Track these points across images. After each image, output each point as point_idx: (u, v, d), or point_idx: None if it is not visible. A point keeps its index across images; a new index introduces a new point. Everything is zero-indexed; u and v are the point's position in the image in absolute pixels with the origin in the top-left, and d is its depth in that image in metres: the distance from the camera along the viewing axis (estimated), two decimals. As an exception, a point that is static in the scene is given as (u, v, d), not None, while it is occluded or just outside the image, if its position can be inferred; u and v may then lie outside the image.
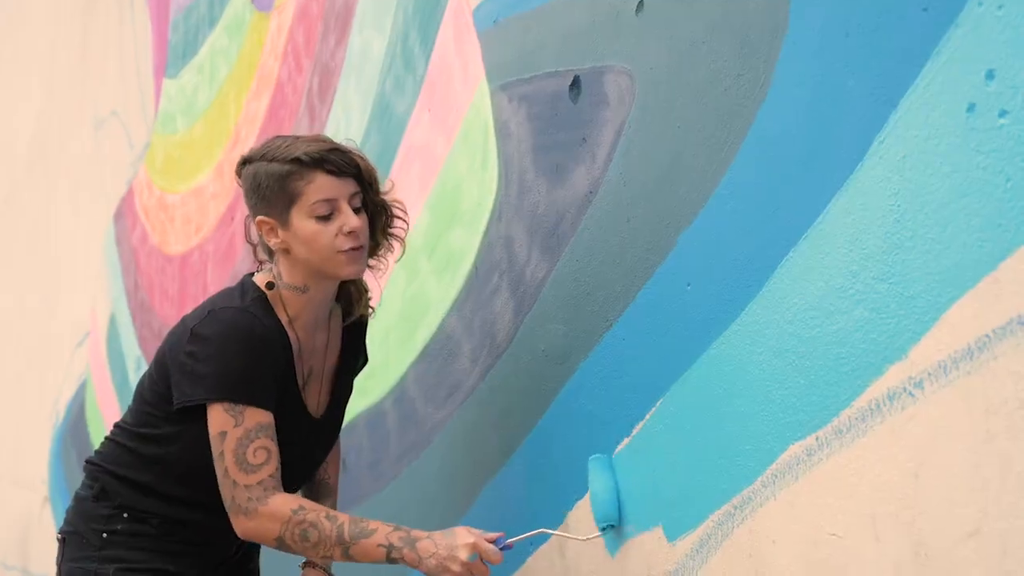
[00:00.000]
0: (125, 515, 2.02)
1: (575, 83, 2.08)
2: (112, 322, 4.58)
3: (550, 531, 1.98)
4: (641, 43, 1.93)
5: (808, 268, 1.57)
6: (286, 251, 1.96)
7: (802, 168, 1.59)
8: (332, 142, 1.99)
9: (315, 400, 2.09)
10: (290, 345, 1.99)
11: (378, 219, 2.05)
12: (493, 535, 1.89)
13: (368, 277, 2.16)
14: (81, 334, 4.89)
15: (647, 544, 1.85)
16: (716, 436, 1.72)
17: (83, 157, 5.07)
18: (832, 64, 1.55)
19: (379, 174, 2.06)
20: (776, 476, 1.60)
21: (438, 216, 2.56)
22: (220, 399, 1.89)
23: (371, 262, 2.09)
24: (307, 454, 2.10)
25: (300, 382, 2.03)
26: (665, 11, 1.88)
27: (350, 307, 2.13)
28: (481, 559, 1.86)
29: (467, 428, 2.40)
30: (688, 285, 1.79)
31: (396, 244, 2.13)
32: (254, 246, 2.08)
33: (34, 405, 5.32)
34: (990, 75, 1.33)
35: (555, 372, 2.10)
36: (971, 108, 1.35)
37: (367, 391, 2.82)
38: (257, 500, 1.87)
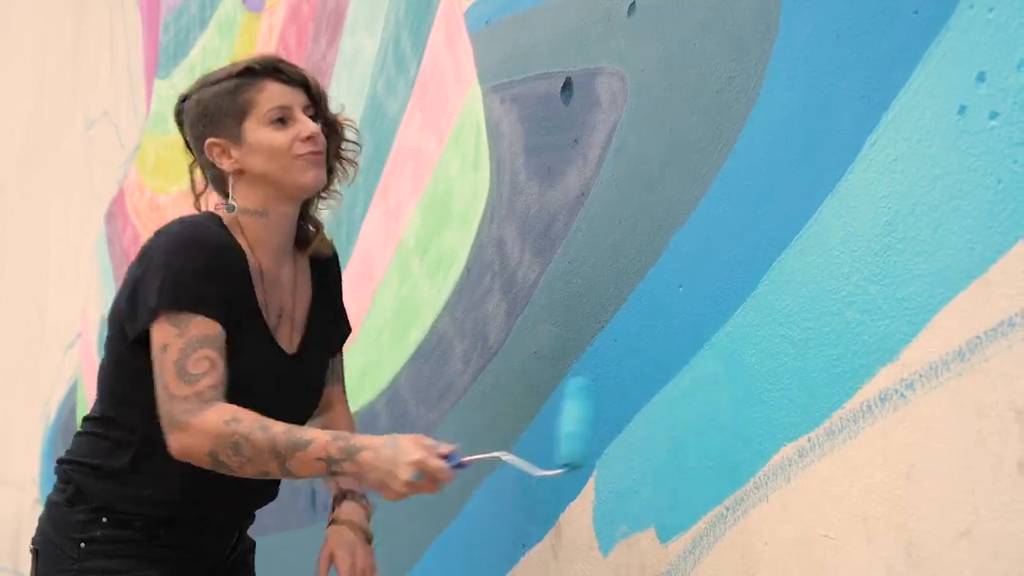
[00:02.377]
0: (104, 519, 1.82)
1: (567, 85, 2.09)
2: (103, 323, 4.57)
3: (507, 456, 1.70)
4: (633, 45, 1.93)
5: (800, 270, 1.57)
6: (240, 172, 1.86)
7: (794, 170, 1.59)
8: (279, 56, 1.93)
9: (287, 339, 1.92)
10: (247, 264, 1.84)
11: (331, 140, 1.94)
12: (447, 448, 1.65)
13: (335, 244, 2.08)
14: (72, 335, 4.88)
15: (640, 545, 1.85)
16: (708, 437, 1.72)
17: (74, 157, 5.06)
18: (823, 66, 1.55)
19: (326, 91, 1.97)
20: (768, 477, 1.61)
21: (430, 217, 2.56)
22: (164, 308, 1.72)
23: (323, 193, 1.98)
24: (289, 399, 1.89)
25: (263, 310, 1.88)
26: (657, 13, 1.88)
27: (307, 245, 1.98)
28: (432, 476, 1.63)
29: (459, 429, 2.39)
30: (680, 287, 1.79)
31: (349, 168, 2.01)
32: (196, 196, 1.98)
33: (24, 406, 5.30)
34: (981, 77, 1.33)
35: (547, 373, 2.10)
36: (962, 110, 1.35)
37: (360, 391, 2.81)
38: (191, 412, 1.67)
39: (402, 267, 2.65)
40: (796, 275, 1.58)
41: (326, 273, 2.04)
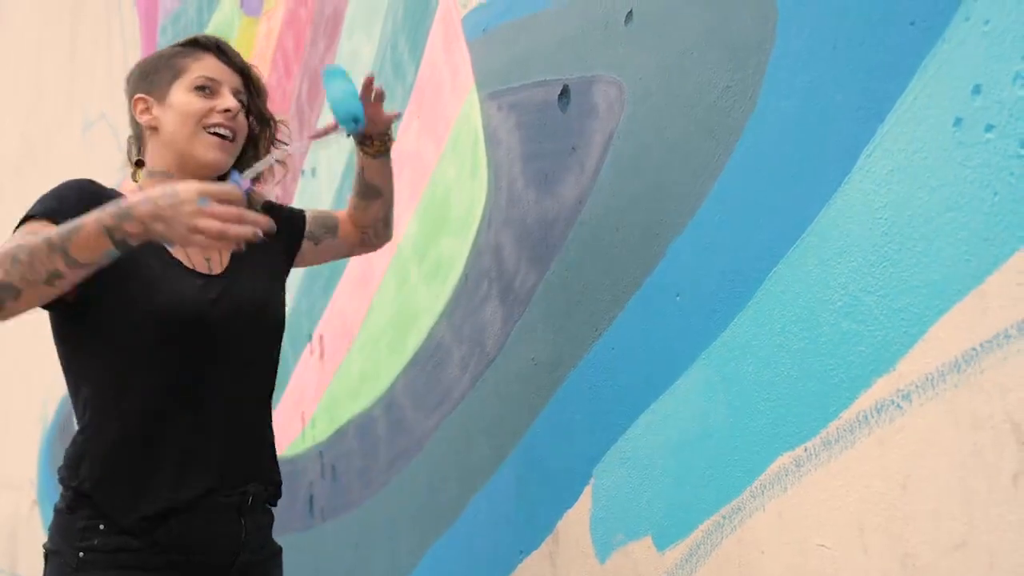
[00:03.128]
0: (102, 526, 1.79)
1: (564, 92, 2.09)
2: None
3: (289, 149, 1.85)
4: (630, 53, 1.93)
5: (796, 280, 1.58)
6: (155, 130, 1.92)
7: (790, 180, 1.60)
8: (225, 39, 2.01)
9: (219, 266, 1.91)
10: None
11: (262, 133, 2.00)
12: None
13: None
14: (70, 337, 4.88)
15: (637, 553, 1.85)
16: (705, 446, 1.72)
17: (72, 159, 5.06)
18: (820, 77, 1.55)
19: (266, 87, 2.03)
20: (765, 487, 1.61)
21: (428, 224, 2.56)
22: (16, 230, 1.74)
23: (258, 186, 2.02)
24: (228, 318, 1.84)
25: (172, 248, 1.85)
26: (654, 22, 1.88)
27: None
28: (217, 200, 1.57)
29: (457, 436, 2.40)
30: (677, 295, 1.80)
31: (278, 168, 2.04)
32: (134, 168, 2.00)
33: (22, 406, 5.30)
34: (976, 90, 1.34)
35: (544, 380, 2.11)
36: (958, 122, 1.35)
37: (358, 397, 2.82)
38: None
39: (400, 273, 2.66)
40: (793, 285, 1.58)
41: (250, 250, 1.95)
